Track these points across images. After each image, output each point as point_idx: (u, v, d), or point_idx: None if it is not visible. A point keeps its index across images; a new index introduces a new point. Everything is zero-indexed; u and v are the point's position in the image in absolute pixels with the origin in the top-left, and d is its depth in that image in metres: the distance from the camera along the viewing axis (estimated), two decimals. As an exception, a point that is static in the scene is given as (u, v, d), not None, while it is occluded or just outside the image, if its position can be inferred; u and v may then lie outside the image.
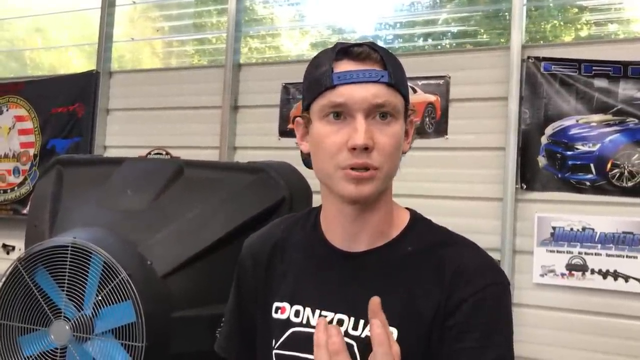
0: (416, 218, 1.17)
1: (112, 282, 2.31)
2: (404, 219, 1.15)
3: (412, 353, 0.94)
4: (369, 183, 1.02)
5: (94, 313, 2.39)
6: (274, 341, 1.09)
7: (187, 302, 2.47)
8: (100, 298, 2.39)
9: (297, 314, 1.08)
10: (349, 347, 1.00)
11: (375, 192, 1.05)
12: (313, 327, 1.05)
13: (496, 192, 3.45)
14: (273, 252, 1.19)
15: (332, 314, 1.04)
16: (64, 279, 2.43)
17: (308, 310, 1.07)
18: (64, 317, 2.43)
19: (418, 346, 1.00)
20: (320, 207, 1.19)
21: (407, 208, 1.18)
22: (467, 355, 0.99)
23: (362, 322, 1.02)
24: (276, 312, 1.11)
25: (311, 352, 1.04)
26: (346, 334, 1.02)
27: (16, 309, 2.51)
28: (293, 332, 1.07)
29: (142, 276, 2.34)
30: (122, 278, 2.28)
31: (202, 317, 2.44)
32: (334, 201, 1.10)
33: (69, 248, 2.38)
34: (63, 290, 2.45)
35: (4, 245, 4.78)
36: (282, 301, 1.10)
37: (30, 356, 2.54)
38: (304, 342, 1.05)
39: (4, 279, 2.52)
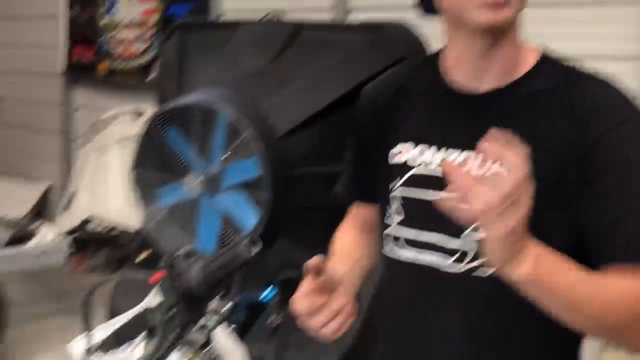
0: (545, 55, 1.12)
1: (237, 139, 2.44)
2: (532, 57, 1.10)
3: (543, 191, 0.93)
4: (505, 8, 0.98)
5: (221, 169, 2.57)
6: (395, 183, 1.12)
7: (306, 160, 2.58)
8: (226, 155, 2.55)
9: (420, 153, 1.10)
10: None
11: (510, 19, 1.01)
12: (436, 167, 1.07)
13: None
14: (394, 96, 1.20)
15: (458, 152, 1.05)
16: (193, 138, 2.61)
17: (432, 149, 1.08)
18: (195, 171, 2.63)
19: (548, 185, 0.99)
20: (441, 50, 1.17)
21: (535, 47, 1.13)
22: (601, 201, 0.98)
23: (489, 160, 1.03)
24: (398, 154, 1.13)
25: (434, 192, 1.07)
26: None
27: (152, 162, 2.75)
28: (415, 173, 1.10)
29: (265, 134, 2.45)
30: (246, 135, 2.41)
31: (320, 175, 2.55)
32: (462, 37, 1.07)
33: (196, 108, 2.53)
34: (192, 148, 2.63)
35: (133, 112, 5.10)
36: (404, 142, 1.12)
37: (166, 207, 2.81)
38: (427, 182, 1.07)
39: (139, 136, 2.74)
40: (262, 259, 2.75)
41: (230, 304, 0.88)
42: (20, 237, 4.28)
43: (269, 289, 0.82)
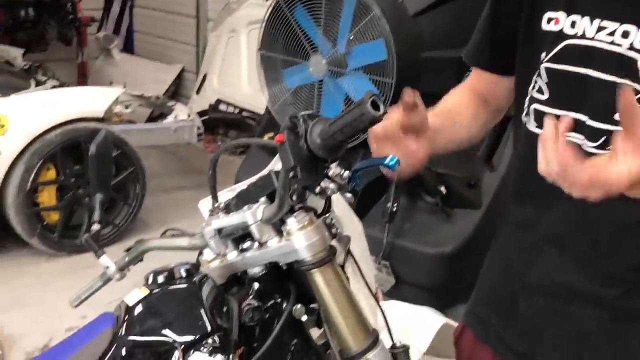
0: None
1: (365, 19, 2.35)
2: None
3: None
4: None
5: (347, 50, 2.51)
6: (543, 54, 1.02)
7: (435, 42, 2.45)
8: (353, 36, 2.48)
9: (572, 24, 0.98)
10: (633, 62, 0.90)
11: None
12: (590, 39, 0.95)
13: None
14: None
15: (617, 24, 0.92)
16: (320, 16, 2.55)
17: (586, 20, 0.96)
18: (321, 53, 2.60)
19: None
20: None
21: None
22: None
23: None
24: (548, 23, 1.02)
25: (586, 67, 0.96)
26: (631, 47, 0.90)
27: (279, 43, 2.74)
28: (566, 45, 0.98)
29: (394, 14, 2.34)
30: (374, 15, 2.31)
31: (449, 59, 2.41)
32: None
33: (324, -15, 2.44)
34: (319, 27, 2.58)
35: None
36: (555, 11, 1.00)
37: (291, 88, 2.83)
38: (579, 55, 0.96)
39: (266, 15, 2.72)
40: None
41: (350, 170, 0.86)
42: (158, 115, 4.56)
43: (391, 156, 0.78)
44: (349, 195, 0.85)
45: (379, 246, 2.66)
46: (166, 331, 0.94)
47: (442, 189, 2.61)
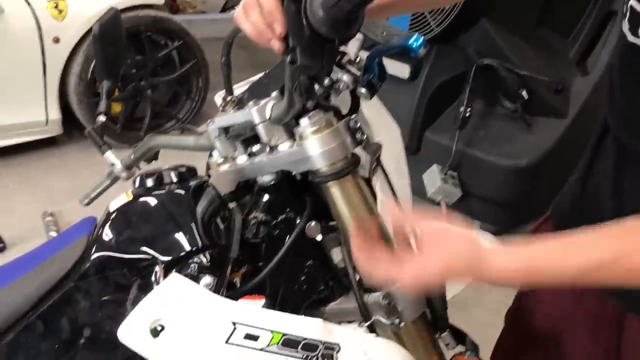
0: None
1: None
2: None
3: None
4: None
5: None
6: None
7: None
8: None
9: None
10: None
11: None
12: None
13: None
14: None
15: None
16: None
17: None
18: None
19: None
20: None
21: None
22: None
23: None
24: None
25: None
26: None
27: None
28: None
29: None
30: None
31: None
32: None
33: None
34: None
35: None
36: None
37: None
38: None
39: None
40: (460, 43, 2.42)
41: (363, 55, 0.64)
42: (231, 6, 4.37)
43: (415, 35, 0.55)
44: (363, 90, 0.64)
45: (447, 155, 2.43)
46: (147, 244, 0.79)
47: (524, 93, 2.30)
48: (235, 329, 0.71)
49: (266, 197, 0.91)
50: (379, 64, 0.63)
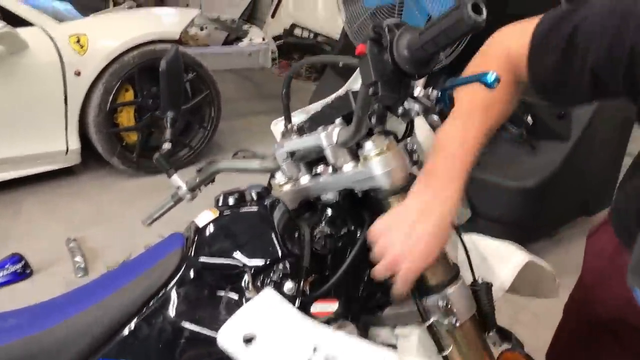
0: None
1: None
2: None
3: None
4: None
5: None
6: None
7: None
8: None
9: None
10: None
11: None
12: None
13: None
14: None
15: None
16: None
17: None
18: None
19: None
20: None
21: None
22: None
23: None
24: None
25: None
26: None
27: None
28: None
29: None
30: None
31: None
32: None
33: None
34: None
35: None
36: None
37: (370, 7, 2.68)
38: None
39: None
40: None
41: (438, 89, 0.76)
42: (234, 39, 4.51)
43: (492, 71, 0.67)
44: (435, 117, 0.76)
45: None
46: (236, 254, 0.90)
47: (528, 118, 2.45)
48: (315, 350, 0.81)
49: (330, 212, 1.02)
50: (450, 95, 0.76)
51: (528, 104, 2.44)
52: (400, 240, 0.87)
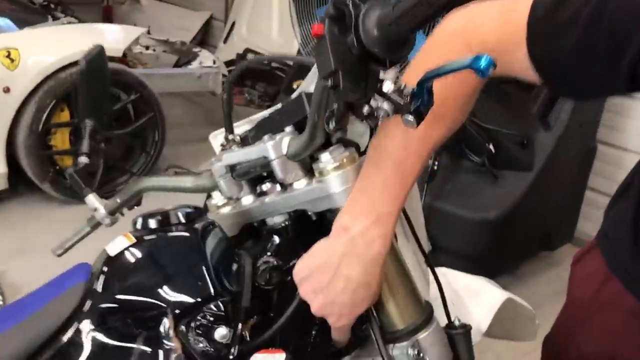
0: None
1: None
2: None
3: None
4: None
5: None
6: None
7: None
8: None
9: None
10: None
11: None
12: None
13: None
14: None
15: None
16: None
17: None
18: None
19: None
20: None
21: None
22: None
23: None
24: None
25: None
26: None
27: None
28: None
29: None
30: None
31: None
32: None
33: None
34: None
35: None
36: None
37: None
38: None
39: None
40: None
41: (412, 84, 0.60)
42: (184, 63, 4.33)
43: (486, 55, 0.51)
44: (410, 118, 0.59)
45: (415, 208, 2.41)
46: (155, 291, 0.70)
47: (490, 147, 2.33)
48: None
49: (277, 239, 0.84)
50: (429, 89, 0.59)
51: (491, 131, 2.33)
52: (322, 289, 0.72)
